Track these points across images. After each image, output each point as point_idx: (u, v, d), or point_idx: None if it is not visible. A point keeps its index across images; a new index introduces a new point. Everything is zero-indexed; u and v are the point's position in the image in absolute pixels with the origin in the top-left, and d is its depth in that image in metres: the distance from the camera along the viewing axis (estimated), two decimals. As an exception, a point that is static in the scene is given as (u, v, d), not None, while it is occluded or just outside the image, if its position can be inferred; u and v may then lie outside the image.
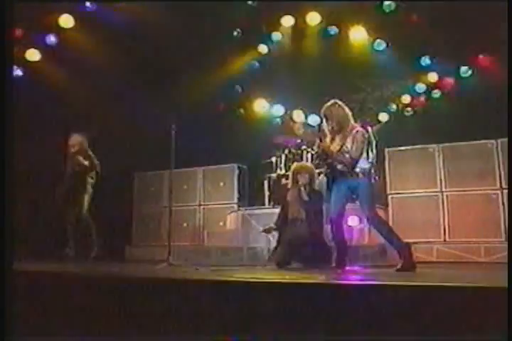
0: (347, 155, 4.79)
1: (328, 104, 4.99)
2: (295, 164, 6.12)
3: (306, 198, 5.62)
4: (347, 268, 4.96)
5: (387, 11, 8.47)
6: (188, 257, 6.54)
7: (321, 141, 4.96)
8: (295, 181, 5.75)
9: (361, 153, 4.87)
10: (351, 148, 4.79)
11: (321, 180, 5.54)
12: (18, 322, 3.11)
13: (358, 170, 4.82)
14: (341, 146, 4.83)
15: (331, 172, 4.92)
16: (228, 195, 8.50)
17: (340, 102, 4.99)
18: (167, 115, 5.71)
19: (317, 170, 5.98)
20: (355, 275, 4.14)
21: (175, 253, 6.31)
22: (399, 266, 4.48)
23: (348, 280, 3.40)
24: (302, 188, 5.64)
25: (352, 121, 4.96)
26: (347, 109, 4.99)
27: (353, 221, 6.51)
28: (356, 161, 4.81)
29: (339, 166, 4.87)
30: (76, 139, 6.77)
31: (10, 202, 3.30)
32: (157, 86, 8.44)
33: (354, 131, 4.86)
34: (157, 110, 8.27)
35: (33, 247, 7.39)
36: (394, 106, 9.57)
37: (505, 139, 6.46)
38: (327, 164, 4.95)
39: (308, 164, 6.07)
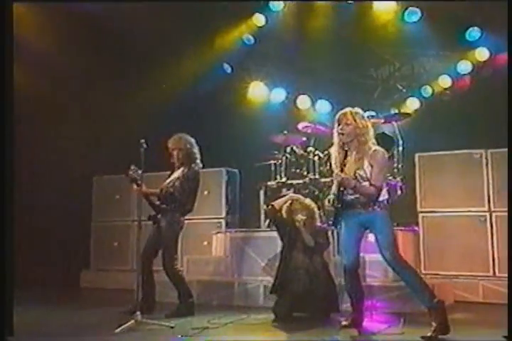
0: (365, 183, 4.73)
1: (344, 111, 4.95)
2: (289, 200, 6.09)
3: (311, 244, 5.71)
4: (364, 323, 5.05)
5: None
6: (165, 294, 6.51)
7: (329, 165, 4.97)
8: (294, 222, 5.83)
9: (384, 180, 4.85)
10: (371, 173, 4.74)
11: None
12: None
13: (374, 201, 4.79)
14: (355, 171, 4.78)
15: (339, 203, 4.84)
16: (214, 207, 8.48)
17: (360, 111, 4.94)
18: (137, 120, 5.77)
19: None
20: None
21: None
22: (430, 334, 4.45)
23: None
24: (303, 230, 5.72)
25: (372, 138, 4.90)
26: (367, 121, 4.94)
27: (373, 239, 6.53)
28: (380, 191, 4.77)
29: (352, 196, 4.83)
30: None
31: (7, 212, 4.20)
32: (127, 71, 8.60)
33: (371, 151, 4.81)
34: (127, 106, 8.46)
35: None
36: (428, 90, 9.50)
37: None
38: (337, 193, 4.86)
39: (306, 201, 6.06)
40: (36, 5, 7.94)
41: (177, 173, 6.08)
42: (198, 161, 6.15)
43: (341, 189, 4.81)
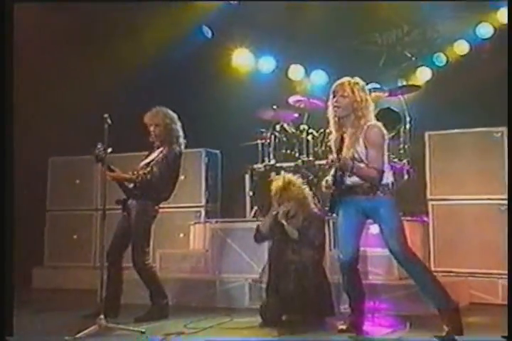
0: (362, 165, 4.81)
1: (341, 81, 5.01)
2: (274, 183, 6.08)
3: (295, 235, 5.72)
4: (365, 327, 5.14)
5: None
6: (135, 294, 6.56)
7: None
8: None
9: (384, 160, 4.89)
10: (366, 154, 4.82)
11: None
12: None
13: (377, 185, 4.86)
14: (351, 150, 4.86)
15: (338, 187, 4.91)
16: (192, 193, 8.53)
17: (359, 81, 5.01)
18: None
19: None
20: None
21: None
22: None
23: None
24: (283, 222, 5.72)
25: (370, 114, 4.96)
26: (367, 94, 5.02)
27: (375, 230, 6.60)
28: (381, 173, 4.83)
29: (352, 180, 4.89)
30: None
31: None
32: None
33: (366, 127, 4.87)
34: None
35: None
36: (442, 58, 9.53)
37: None
38: (335, 176, 4.94)
39: (296, 181, 6.05)
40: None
41: (155, 154, 6.08)
42: (181, 140, 6.16)
43: (339, 172, 4.88)
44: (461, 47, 9.33)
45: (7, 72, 4.79)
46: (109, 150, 5.62)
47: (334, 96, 4.96)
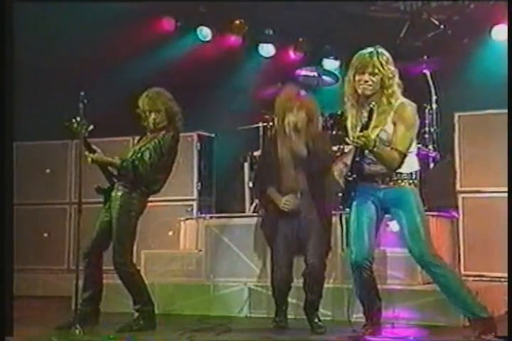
0: (387, 148, 4.81)
1: (365, 52, 4.96)
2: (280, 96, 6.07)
3: (303, 152, 5.71)
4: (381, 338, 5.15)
5: None
6: (117, 301, 6.64)
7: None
8: (283, 125, 5.81)
9: (411, 144, 4.94)
10: (394, 134, 4.83)
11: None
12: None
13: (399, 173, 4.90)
14: (375, 131, 4.85)
15: (354, 174, 4.90)
16: (182, 184, 8.56)
17: (385, 52, 4.98)
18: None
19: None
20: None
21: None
22: None
23: None
24: (293, 134, 5.71)
25: (399, 89, 4.97)
26: (392, 66, 4.97)
27: (395, 227, 6.65)
28: (403, 157, 4.86)
29: (371, 166, 4.93)
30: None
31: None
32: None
33: (397, 105, 4.89)
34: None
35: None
36: (476, 26, 9.54)
37: None
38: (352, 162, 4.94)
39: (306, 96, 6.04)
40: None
41: (148, 140, 6.06)
42: (180, 123, 6.14)
43: (357, 158, 4.89)
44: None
45: (7, 72, 5.02)
46: (91, 127, 5.65)
47: (362, 73, 4.88)
